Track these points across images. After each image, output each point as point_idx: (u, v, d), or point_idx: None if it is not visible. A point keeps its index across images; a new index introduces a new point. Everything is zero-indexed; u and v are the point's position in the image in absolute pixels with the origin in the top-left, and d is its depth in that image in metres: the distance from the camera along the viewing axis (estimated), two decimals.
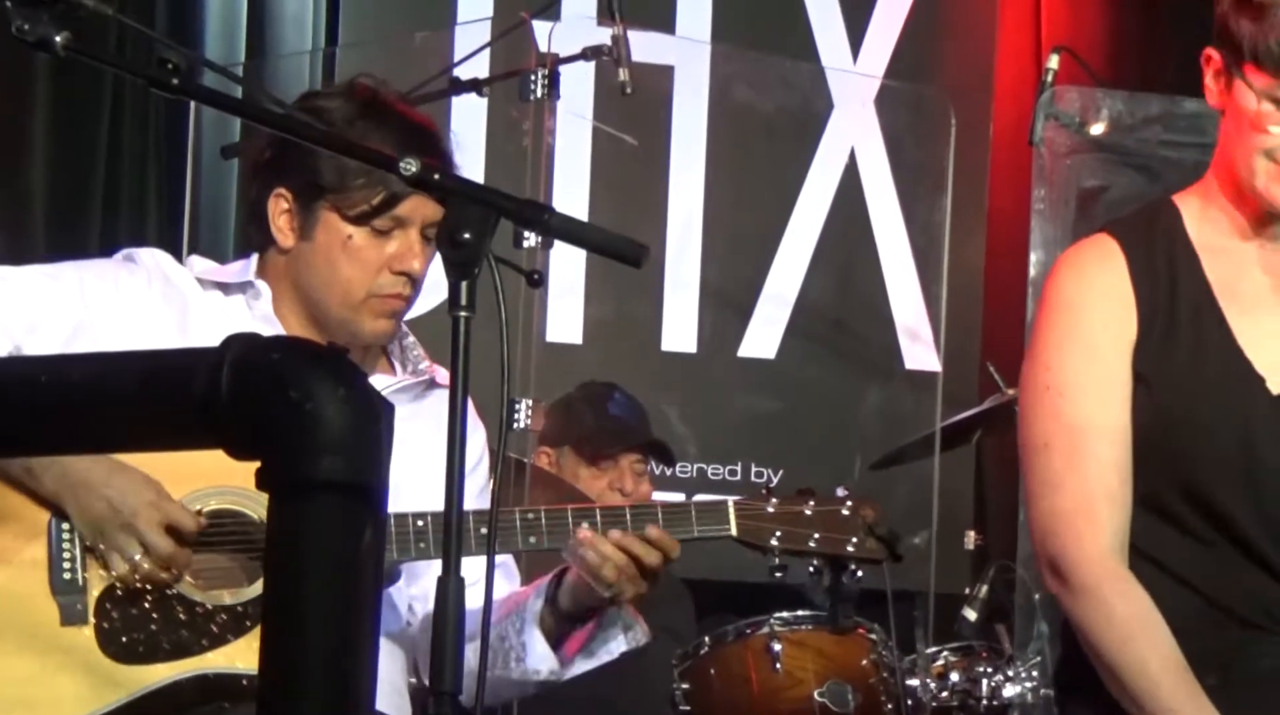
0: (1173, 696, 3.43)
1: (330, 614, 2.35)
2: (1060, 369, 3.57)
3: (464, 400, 3.18)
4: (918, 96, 7.66)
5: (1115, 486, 3.50)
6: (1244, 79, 3.50)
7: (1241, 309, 3.57)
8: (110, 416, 2.46)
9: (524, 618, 4.01)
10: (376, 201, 3.92)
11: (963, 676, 5.98)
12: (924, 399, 7.03)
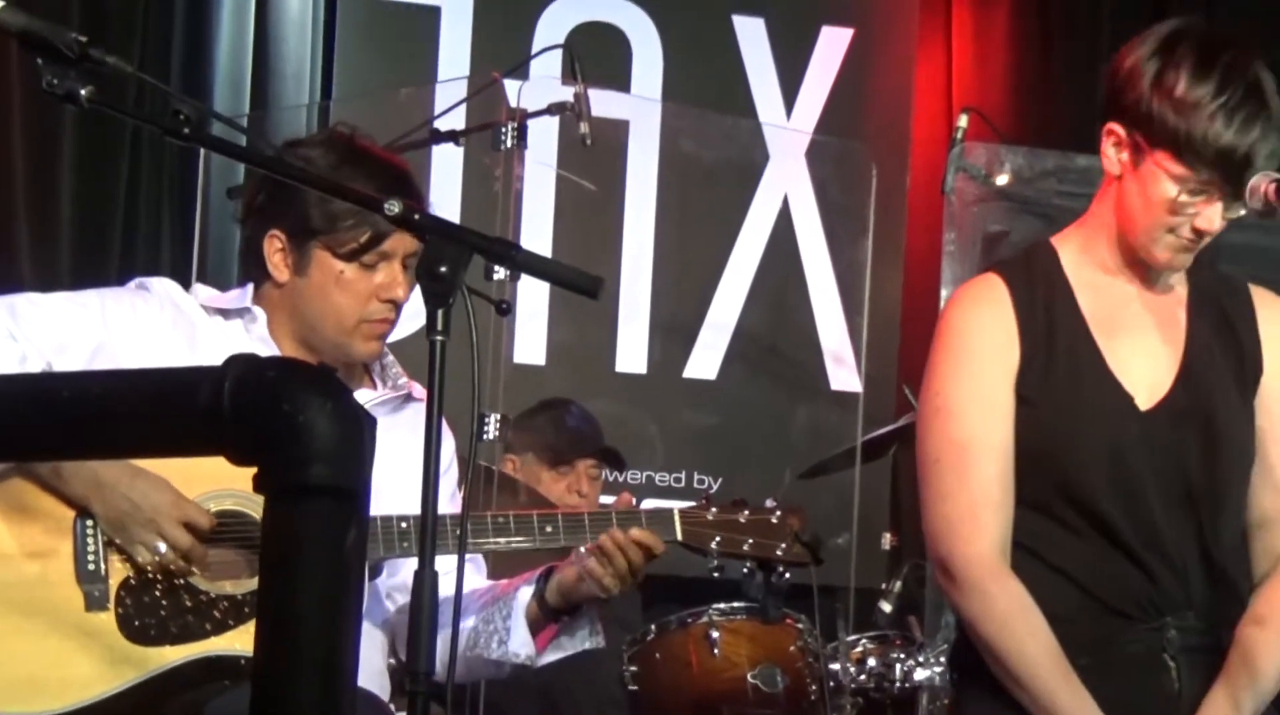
0: (1049, 677, 3.45)
1: (318, 603, 2.35)
2: (949, 393, 3.59)
3: (439, 415, 3.19)
4: (843, 150, 7.66)
5: (997, 496, 3.52)
6: (1159, 164, 3.48)
7: (1111, 337, 3.60)
8: (125, 426, 2.46)
9: (512, 606, 4.03)
10: (364, 239, 3.93)
11: (878, 662, 5.97)
12: (847, 416, 7.03)
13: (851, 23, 7.94)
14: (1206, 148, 3.44)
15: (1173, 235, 3.53)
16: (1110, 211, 3.62)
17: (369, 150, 4.07)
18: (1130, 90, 3.52)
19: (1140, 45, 3.55)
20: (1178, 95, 3.47)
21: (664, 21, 7.77)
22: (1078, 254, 3.66)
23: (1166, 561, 3.53)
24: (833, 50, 7.91)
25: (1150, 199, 3.52)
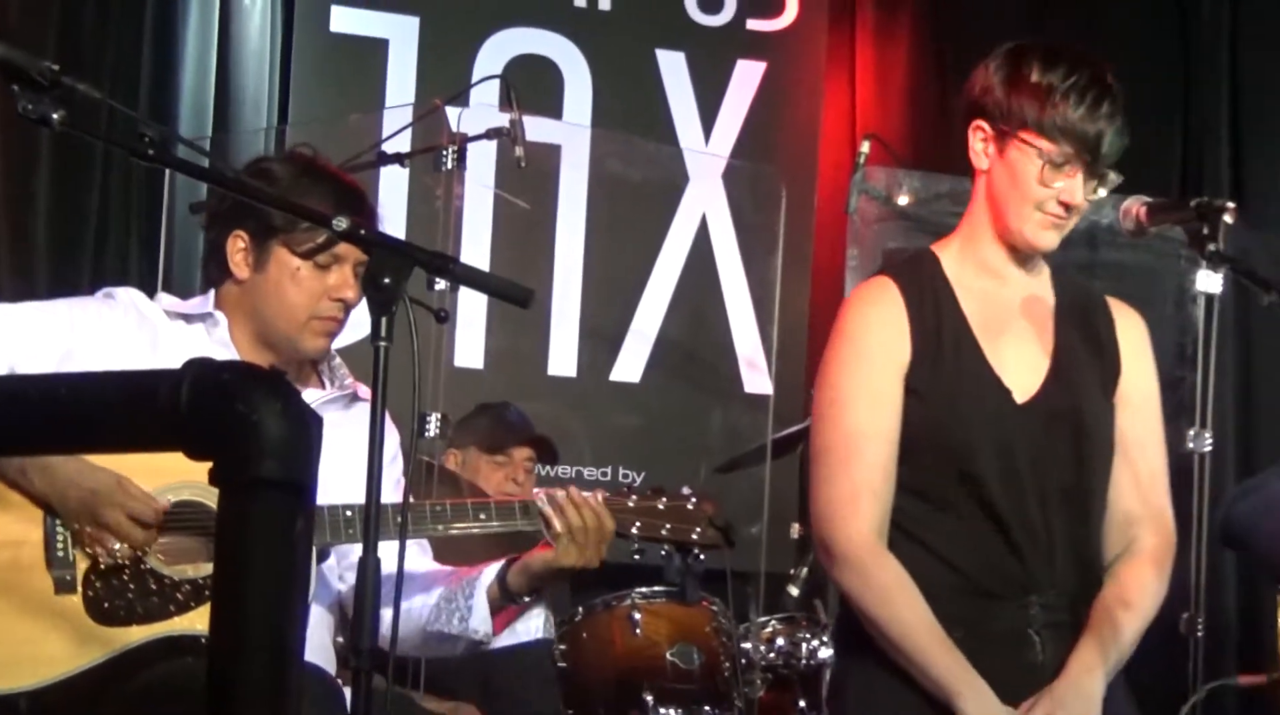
0: (927, 644, 3.46)
1: (268, 586, 2.36)
2: (842, 386, 3.59)
3: (382, 416, 3.21)
4: (756, 173, 7.67)
5: (879, 483, 3.54)
6: (1025, 143, 3.54)
7: (991, 337, 3.62)
8: (90, 424, 2.46)
9: (475, 587, 4.04)
10: (320, 241, 3.95)
11: (787, 641, 5.97)
12: (758, 416, 7.04)
13: (764, 57, 7.95)
14: (1065, 123, 3.54)
15: (1041, 213, 3.58)
16: (983, 212, 3.66)
17: (326, 169, 4.10)
18: (990, 91, 3.60)
19: (991, 61, 3.64)
20: (1033, 82, 3.56)
21: (593, 55, 7.78)
22: (957, 260, 3.68)
23: (1035, 543, 3.55)
24: (747, 82, 7.92)
25: (1018, 178, 3.57)
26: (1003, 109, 3.57)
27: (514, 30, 7.71)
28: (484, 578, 4.04)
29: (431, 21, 7.65)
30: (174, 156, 3.53)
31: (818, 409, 3.64)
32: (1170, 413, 7.03)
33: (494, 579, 4.03)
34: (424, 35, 7.63)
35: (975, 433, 3.55)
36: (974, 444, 3.55)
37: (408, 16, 7.64)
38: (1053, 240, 3.63)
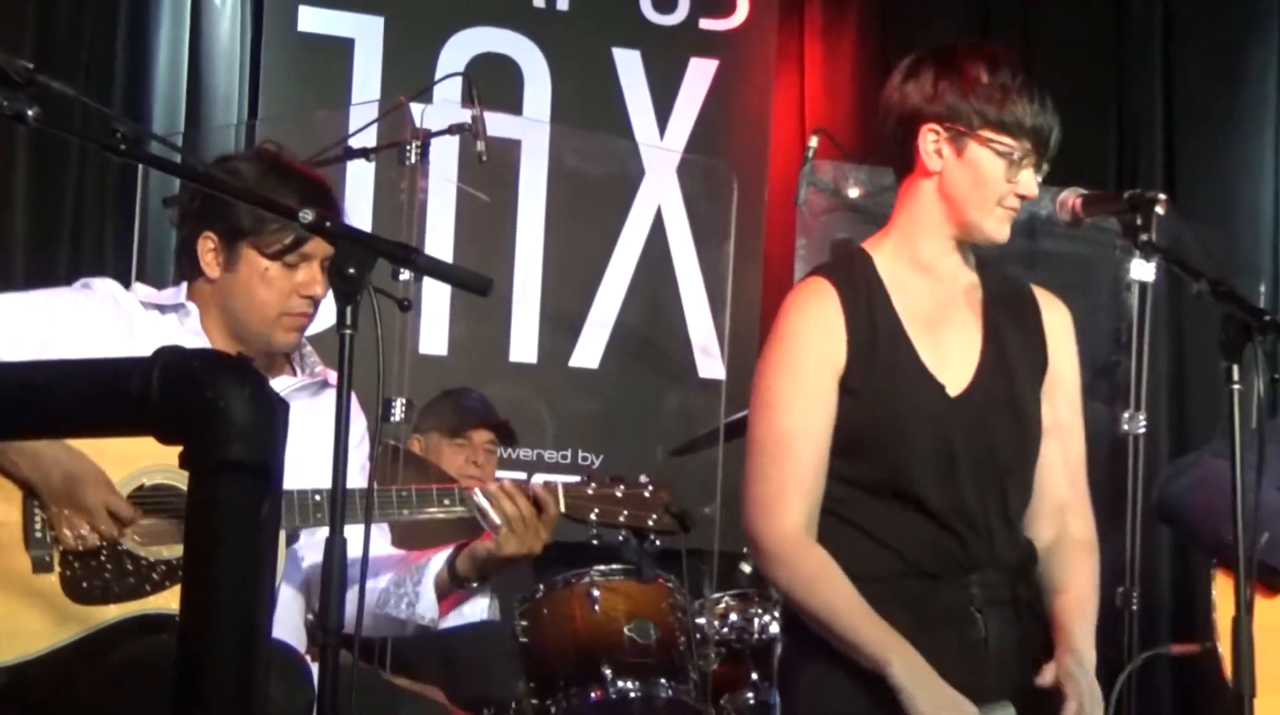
0: (857, 622, 3.45)
1: (236, 566, 2.36)
2: (778, 387, 3.59)
3: (348, 400, 3.23)
4: (709, 167, 7.67)
5: (808, 482, 3.54)
6: (985, 144, 3.56)
7: (923, 332, 3.62)
8: (65, 410, 2.46)
9: (423, 574, 4.06)
10: (288, 241, 3.96)
11: (739, 617, 5.98)
12: (712, 401, 7.04)
13: (716, 55, 7.96)
14: (1023, 120, 3.56)
15: (1001, 207, 3.60)
16: (920, 216, 3.65)
17: (291, 165, 4.09)
18: (940, 97, 3.59)
19: (922, 66, 3.64)
20: (986, 83, 3.58)
21: (552, 53, 7.76)
22: (891, 258, 3.67)
23: (973, 528, 3.56)
24: (700, 79, 7.92)
25: (982, 175, 3.58)
26: (959, 111, 3.57)
27: (475, 29, 7.70)
28: (432, 565, 4.06)
29: (396, 21, 7.64)
30: (146, 152, 3.54)
31: (754, 407, 3.65)
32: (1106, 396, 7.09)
33: (443, 565, 4.05)
34: (389, 34, 7.61)
35: (911, 428, 3.56)
36: (911, 439, 3.56)
37: (373, 16, 7.63)
38: (1008, 232, 3.65)
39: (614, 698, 5.67)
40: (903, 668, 3.41)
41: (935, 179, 3.63)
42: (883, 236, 3.71)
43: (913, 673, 3.41)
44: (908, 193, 3.68)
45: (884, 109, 3.70)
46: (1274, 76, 8.00)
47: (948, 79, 3.59)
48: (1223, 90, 8.06)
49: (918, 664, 3.42)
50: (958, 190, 3.61)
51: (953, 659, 3.48)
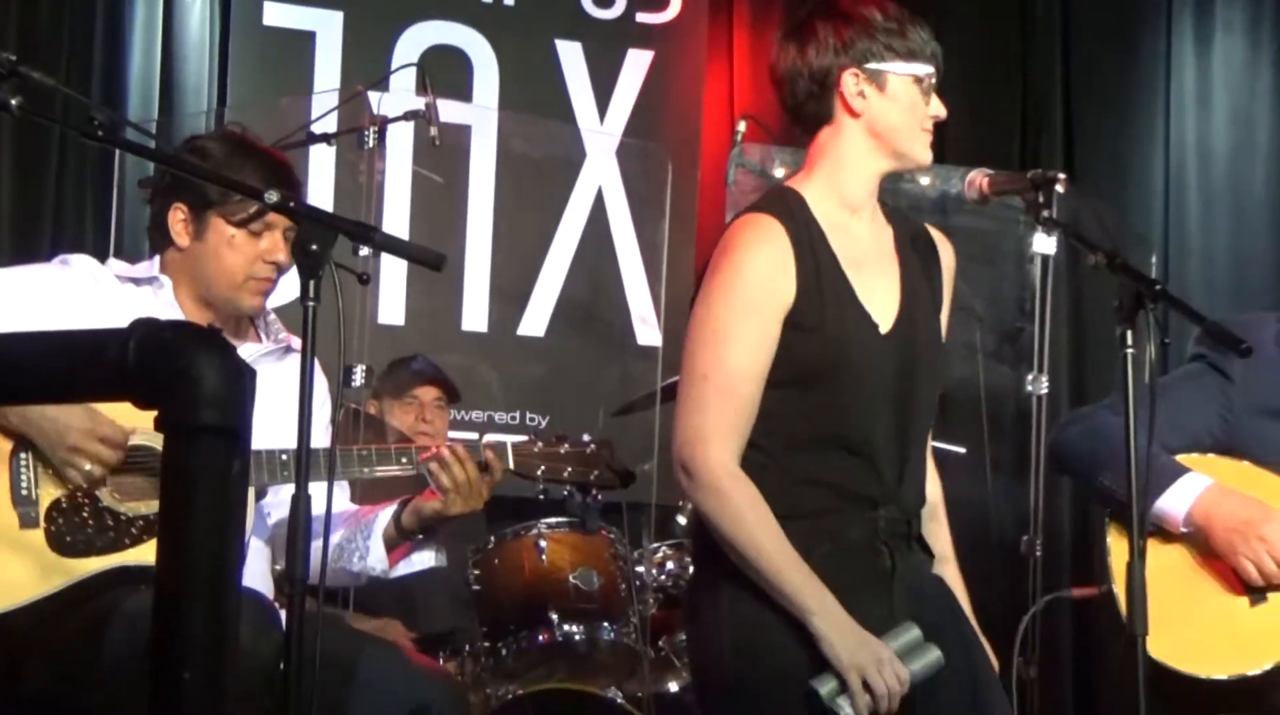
0: (781, 562, 3.38)
1: (208, 520, 2.37)
2: (727, 319, 3.45)
3: (311, 369, 3.23)
4: (645, 150, 7.67)
5: (746, 417, 3.45)
6: (900, 75, 3.55)
7: (857, 270, 3.56)
8: (47, 377, 2.46)
9: (372, 528, 4.07)
10: (252, 210, 3.95)
11: (675, 565, 6.00)
12: (649, 366, 7.05)
13: (652, 46, 7.96)
14: (924, 47, 3.57)
15: (923, 131, 3.59)
16: (845, 158, 3.59)
17: (256, 145, 4.08)
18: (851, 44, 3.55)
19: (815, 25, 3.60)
20: (882, 21, 3.56)
21: (499, 45, 7.75)
22: (819, 198, 3.59)
23: (890, 463, 3.52)
24: (637, 69, 7.92)
25: (906, 104, 3.56)
26: (873, 52, 3.54)
27: (428, 23, 7.69)
28: (379, 520, 4.07)
29: (354, 15, 7.62)
30: (121, 138, 3.54)
31: (698, 336, 3.50)
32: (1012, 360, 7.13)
33: (390, 520, 4.05)
34: (347, 28, 7.60)
35: (852, 362, 3.49)
36: (849, 372, 3.48)
37: (333, 11, 7.61)
38: (930, 154, 3.64)
39: (560, 640, 5.69)
40: (823, 618, 3.36)
41: (861, 120, 3.57)
42: (807, 179, 3.63)
43: (832, 623, 3.36)
44: (830, 140, 3.60)
45: (790, 77, 3.60)
46: (1163, 65, 8.04)
47: (851, 27, 3.55)
48: (1117, 78, 8.09)
49: (836, 613, 3.38)
50: (888, 122, 3.56)
51: (863, 588, 3.44)
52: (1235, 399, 4.39)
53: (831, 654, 3.36)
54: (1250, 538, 4.19)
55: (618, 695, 5.53)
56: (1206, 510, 4.23)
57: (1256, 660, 4.16)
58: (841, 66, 3.56)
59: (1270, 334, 4.45)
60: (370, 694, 3.85)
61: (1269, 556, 4.17)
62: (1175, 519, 4.26)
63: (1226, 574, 4.25)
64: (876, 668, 3.35)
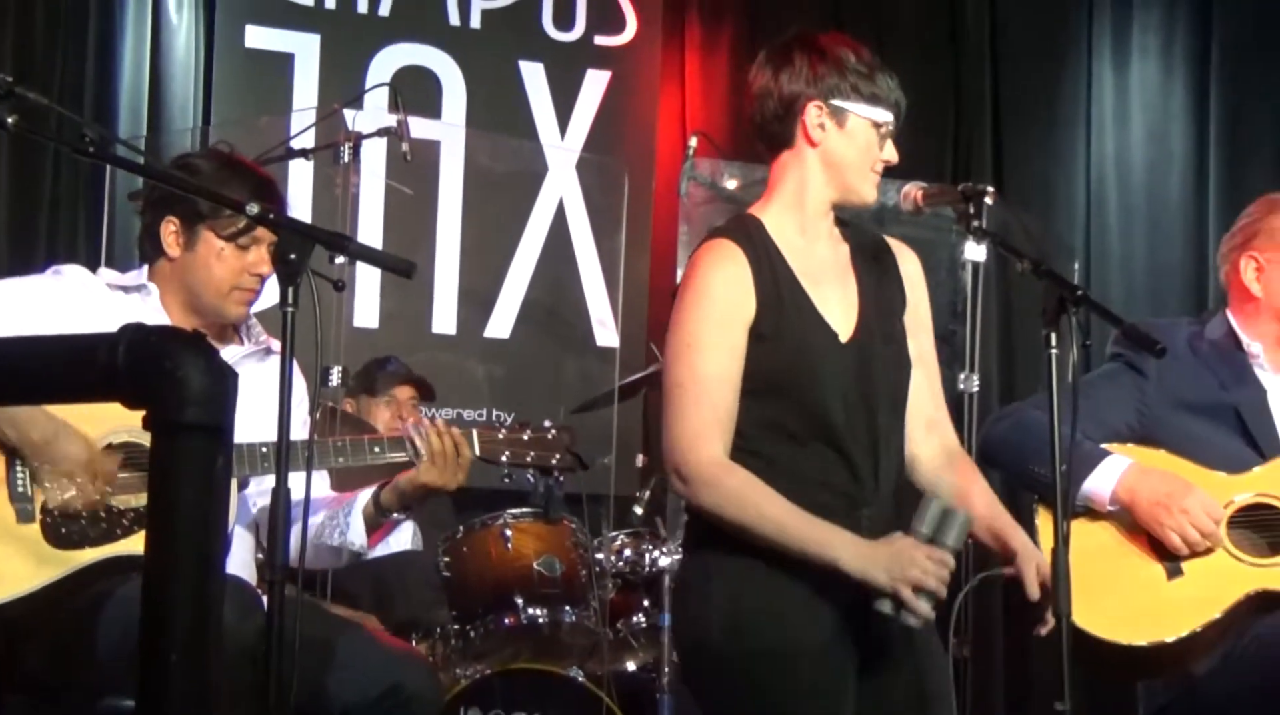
0: (792, 524, 3.38)
1: (194, 512, 2.36)
2: (697, 333, 3.50)
3: (290, 367, 3.21)
4: (603, 164, 7.68)
5: (725, 419, 3.47)
6: (861, 116, 3.57)
7: (815, 285, 3.58)
8: (42, 379, 2.45)
9: (353, 506, 4.06)
10: (241, 224, 3.95)
11: (633, 552, 5.99)
12: (607, 366, 7.06)
13: (609, 67, 7.95)
14: (889, 95, 3.59)
15: (873, 172, 3.61)
16: (802, 185, 3.62)
17: (241, 162, 4.08)
18: (821, 79, 3.57)
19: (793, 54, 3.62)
20: (854, 63, 3.58)
21: (466, 65, 7.74)
22: (777, 222, 3.63)
23: (866, 461, 3.52)
24: (595, 88, 7.91)
25: (861, 144, 3.58)
26: (839, 89, 3.56)
27: (400, 45, 7.67)
28: (360, 499, 4.06)
29: (330, 38, 7.60)
30: (112, 154, 3.53)
31: (672, 351, 3.55)
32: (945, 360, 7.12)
33: (369, 499, 4.05)
34: (324, 50, 7.57)
35: (815, 369, 3.50)
36: (815, 379, 3.50)
37: (310, 34, 7.58)
38: (875, 194, 3.65)
39: (525, 623, 5.68)
40: (850, 558, 3.36)
41: (818, 150, 3.60)
42: (766, 204, 3.67)
43: (857, 555, 3.37)
44: (789, 165, 3.63)
45: (761, 96, 3.64)
46: (1084, 87, 8.08)
47: (824, 63, 3.57)
48: (1042, 99, 8.13)
49: (857, 546, 3.38)
50: (840, 157, 3.59)
51: (847, 584, 3.43)
52: (1151, 395, 4.42)
53: (875, 584, 3.36)
54: (1174, 510, 4.21)
55: (579, 674, 5.53)
56: (1130, 487, 4.26)
57: (1174, 628, 4.19)
58: (808, 97, 3.59)
59: (1184, 337, 4.49)
60: (347, 674, 3.85)
61: (1191, 526, 4.20)
62: (1102, 498, 4.28)
63: (1147, 549, 4.28)
64: (920, 571, 3.35)
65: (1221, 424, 4.38)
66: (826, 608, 3.46)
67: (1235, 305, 4.52)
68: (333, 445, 3.97)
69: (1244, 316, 4.49)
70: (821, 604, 3.46)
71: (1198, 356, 4.46)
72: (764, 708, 3.43)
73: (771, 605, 3.45)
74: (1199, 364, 4.45)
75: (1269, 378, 4.44)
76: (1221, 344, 4.48)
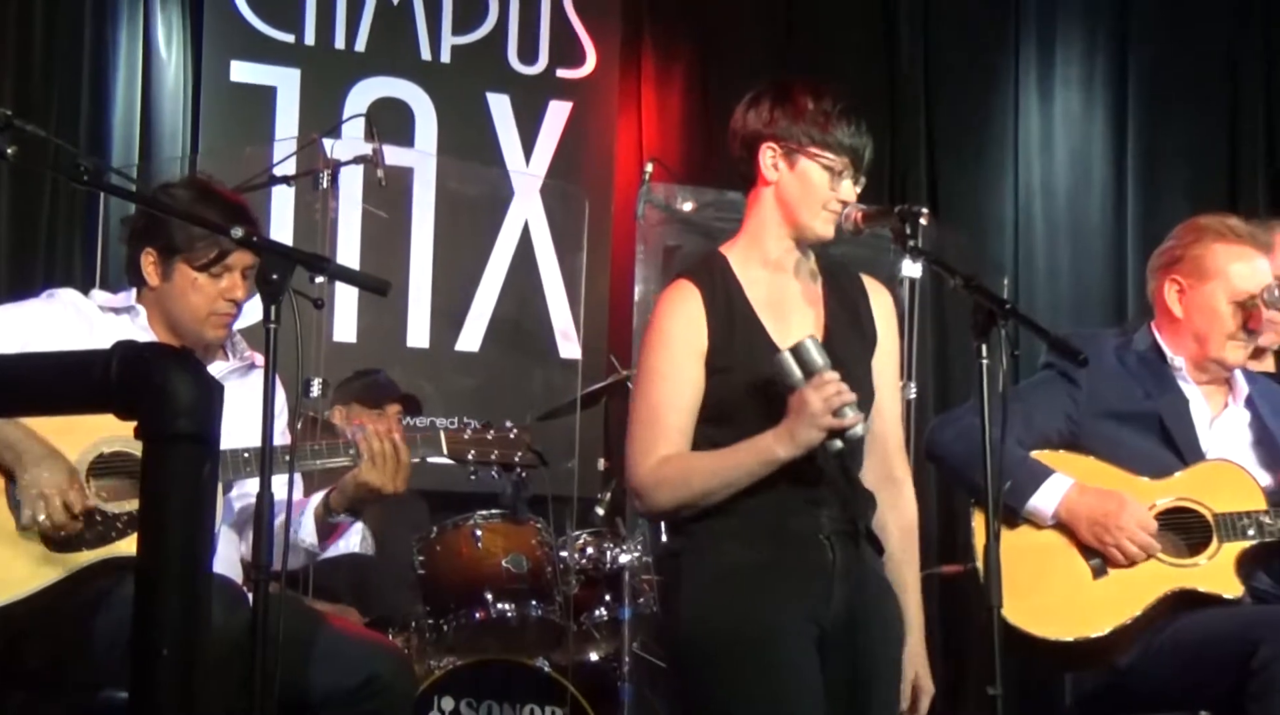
0: (726, 458, 3.46)
1: (183, 516, 2.36)
2: (650, 367, 3.55)
3: (273, 379, 3.21)
4: (565, 189, 7.68)
5: (671, 438, 3.50)
6: (815, 157, 3.57)
7: (772, 317, 3.58)
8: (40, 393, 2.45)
9: (305, 509, 4.04)
10: (213, 256, 3.95)
11: (595, 550, 5.97)
12: (570, 377, 7.03)
13: (570, 98, 7.96)
14: (842, 141, 3.57)
15: (826, 211, 3.60)
16: (764, 221, 3.63)
17: (218, 190, 4.07)
18: (776, 121, 3.59)
19: (762, 96, 3.63)
20: (811, 109, 3.58)
21: (437, 97, 7.75)
22: (742, 258, 3.64)
23: (822, 474, 3.51)
24: (558, 118, 7.92)
25: (810, 185, 3.57)
26: (791, 133, 3.57)
27: (375, 78, 7.67)
28: (312, 502, 4.05)
29: (310, 73, 7.60)
30: (105, 182, 3.54)
31: (636, 384, 3.61)
32: None
33: (320, 502, 4.03)
34: (304, 83, 7.57)
35: (765, 394, 3.50)
36: (765, 406, 3.49)
37: (291, 69, 7.58)
38: (832, 231, 3.64)
39: (494, 617, 5.68)
40: (783, 446, 3.41)
41: (773, 188, 3.61)
42: (736, 238, 3.68)
43: (786, 439, 3.41)
44: (753, 201, 3.65)
45: (731, 134, 3.67)
46: (1012, 115, 8.11)
47: (781, 107, 3.58)
48: (973, 126, 8.16)
49: (779, 435, 3.42)
50: (791, 196, 3.59)
51: (806, 579, 3.45)
52: (1080, 403, 4.44)
53: (813, 442, 3.40)
54: (1110, 528, 4.25)
55: (545, 664, 5.52)
56: (1070, 508, 4.29)
57: (1098, 625, 4.22)
58: (765, 138, 3.61)
59: (1111, 348, 4.51)
60: (327, 665, 3.85)
61: (1128, 541, 4.23)
62: (1044, 515, 4.31)
63: (1075, 550, 4.30)
64: (824, 403, 3.38)
65: (1146, 431, 4.40)
66: (790, 595, 3.46)
67: (1160, 320, 4.54)
68: (309, 448, 3.96)
69: (1168, 332, 4.51)
70: (785, 592, 3.46)
71: (1125, 367, 4.48)
72: (747, 694, 3.42)
73: (737, 600, 3.45)
74: (1126, 374, 4.47)
75: (1190, 389, 4.47)
76: (1147, 356, 4.50)
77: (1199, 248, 4.48)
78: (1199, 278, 4.45)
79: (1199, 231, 4.52)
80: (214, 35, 7.49)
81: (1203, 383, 4.49)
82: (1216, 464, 4.37)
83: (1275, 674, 3.96)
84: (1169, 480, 4.34)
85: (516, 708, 5.41)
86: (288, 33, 7.61)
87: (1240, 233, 4.51)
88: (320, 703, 3.85)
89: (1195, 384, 4.48)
